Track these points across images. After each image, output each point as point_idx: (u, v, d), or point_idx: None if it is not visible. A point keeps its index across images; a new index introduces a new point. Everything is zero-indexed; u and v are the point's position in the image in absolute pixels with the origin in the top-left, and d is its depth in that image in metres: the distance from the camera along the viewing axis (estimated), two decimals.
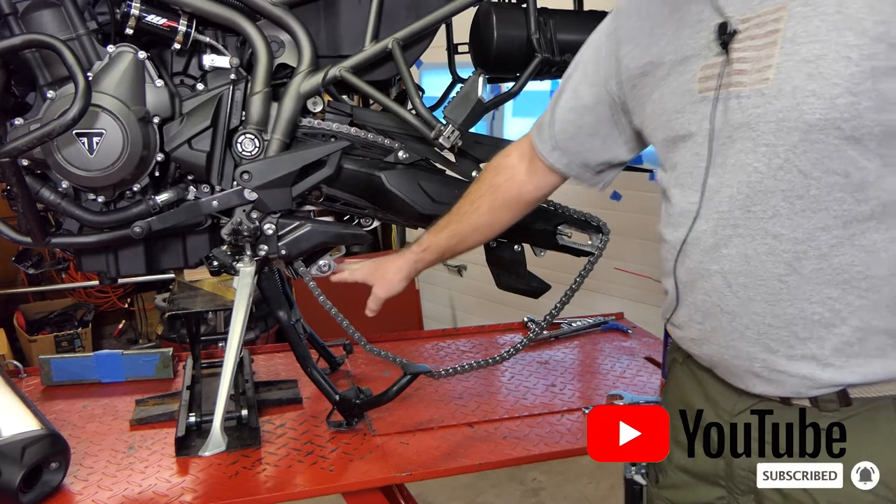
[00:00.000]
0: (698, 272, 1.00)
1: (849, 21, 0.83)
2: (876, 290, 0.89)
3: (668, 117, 1.04)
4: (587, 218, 1.61)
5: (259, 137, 1.44)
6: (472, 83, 1.43)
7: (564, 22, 1.58)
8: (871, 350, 0.91)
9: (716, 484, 1.09)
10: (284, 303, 1.61)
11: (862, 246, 0.89)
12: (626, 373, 1.88)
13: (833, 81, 0.84)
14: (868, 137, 0.85)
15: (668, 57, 1.02)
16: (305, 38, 1.44)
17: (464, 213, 1.33)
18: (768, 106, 0.90)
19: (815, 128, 0.86)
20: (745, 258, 0.94)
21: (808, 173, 0.88)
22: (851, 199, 0.88)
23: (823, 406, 0.95)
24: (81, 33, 1.36)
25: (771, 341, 0.95)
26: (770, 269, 0.93)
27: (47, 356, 1.88)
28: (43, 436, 1.33)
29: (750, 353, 0.97)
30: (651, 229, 3.27)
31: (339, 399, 1.56)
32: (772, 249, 0.92)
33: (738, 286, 0.96)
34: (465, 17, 1.59)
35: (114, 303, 4.53)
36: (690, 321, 1.06)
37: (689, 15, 1.00)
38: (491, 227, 1.34)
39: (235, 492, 1.34)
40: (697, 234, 1.00)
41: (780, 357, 0.95)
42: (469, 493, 3.05)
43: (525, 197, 1.30)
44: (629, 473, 1.32)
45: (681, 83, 1.01)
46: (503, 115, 3.87)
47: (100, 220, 1.41)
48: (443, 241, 1.37)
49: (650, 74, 1.06)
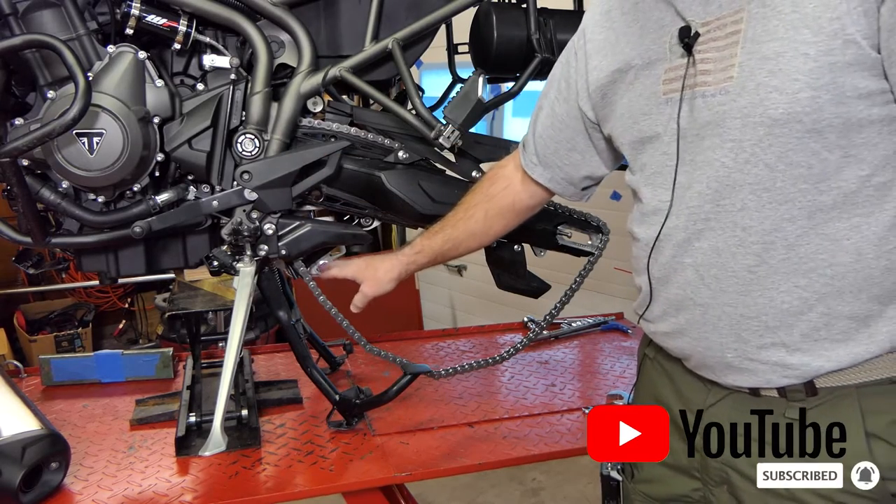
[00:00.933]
0: (671, 266, 1.03)
1: (805, 19, 0.86)
2: (840, 277, 0.92)
3: (634, 120, 1.07)
4: (587, 218, 1.61)
5: (259, 137, 1.44)
6: (472, 83, 1.43)
7: (564, 22, 1.58)
8: (836, 334, 0.94)
9: (691, 476, 1.11)
10: (284, 303, 1.61)
11: (826, 235, 0.92)
12: (626, 373, 1.88)
13: (793, 77, 0.87)
14: (829, 129, 0.88)
15: (633, 62, 1.06)
16: (305, 38, 1.44)
17: (459, 220, 1.36)
18: (733, 103, 0.93)
19: (779, 122, 0.89)
20: (717, 251, 0.97)
21: (773, 166, 0.91)
22: (815, 189, 0.90)
23: (791, 396, 0.98)
24: (81, 33, 1.36)
25: (742, 331, 0.98)
26: (740, 261, 0.95)
27: (47, 356, 1.88)
28: (43, 436, 1.33)
29: (723, 344, 1.00)
30: None
31: (339, 399, 1.56)
32: (741, 241, 0.95)
33: (710, 278, 0.99)
34: (465, 17, 1.59)
35: (114, 303, 4.53)
36: (664, 315, 1.09)
37: (651, 21, 1.04)
38: (485, 234, 1.36)
39: (235, 492, 1.34)
40: (669, 230, 1.03)
41: (751, 346, 0.98)
42: (469, 493, 3.05)
43: (518, 206, 1.33)
44: (605, 470, 1.34)
45: (646, 86, 1.05)
46: (503, 115, 3.87)
47: (100, 220, 1.41)
48: (436, 245, 1.39)
49: (618, 81, 1.09)
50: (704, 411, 1.07)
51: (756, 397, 1.01)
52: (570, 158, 1.23)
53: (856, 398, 0.95)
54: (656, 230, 1.04)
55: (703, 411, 1.07)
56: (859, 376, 0.95)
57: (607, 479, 1.33)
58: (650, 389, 1.19)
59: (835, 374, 0.95)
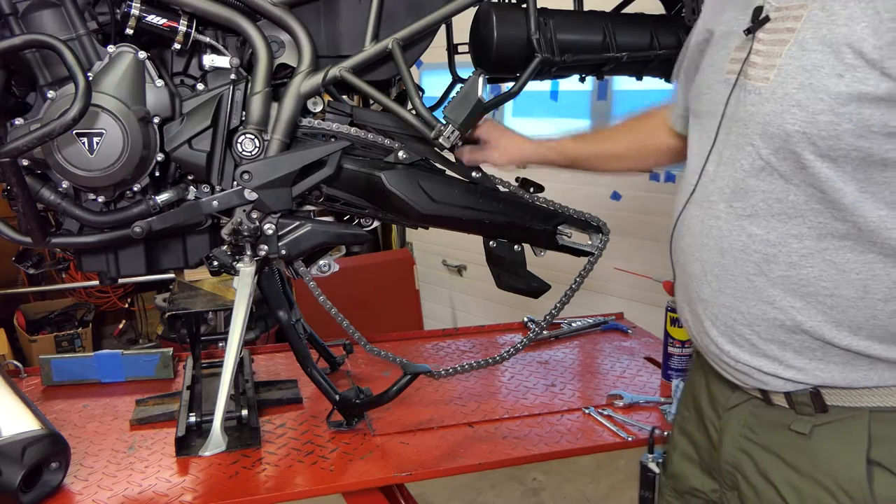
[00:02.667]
0: (687, 255, 1.03)
1: (852, 37, 0.81)
2: (840, 311, 0.88)
3: (700, 90, 1.05)
4: (587, 218, 1.61)
5: (259, 137, 1.44)
6: (472, 83, 1.43)
7: (564, 22, 1.58)
8: (832, 357, 0.91)
9: (712, 476, 1.11)
10: (284, 303, 1.61)
11: (833, 262, 0.88)
12: (626, 373, 1.88)
13: (819, 96, 0.83)
14: (844, 160, 0.83)
15: (720, 27, 1.02)
16: (305, 38, 1.44)
17: (606, 139, 1.41)
18: (760, 107, 0.90)
19: (793, 139, 0.86)
20: (721, 251, 0.96)
21: (788, 178, 0.88)
22: (828, 213, 0.87)
23: (800, 409, 0.95)
24: (81, 33, 1.36)
25: (736, 336, 0.97)
26: (741, 266, 0.94)
27: (47, 356, 1.87)
28: (43, 436, 1.33)
29: (719, 343, 1.00)
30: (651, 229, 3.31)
31: (339, 399, 1.56)
32: (745, 247, 0.93)
33: (712, 277, 0.98)
34: (465, 17, 1.59)
35: (114, 303, 4.53)
36: (682, 302, 1.09)
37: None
38: (637, 163, 1.43)
39: (235, 492, 1.34)
40: (690, 217, 1.02)
41: (744, 352, 0.97)
42: (469, 493, 3.05)
43: (666, 151, 1.35)
44: (645, 460, 1.35)
45: (718, 59, 1.02)
46: (503, 115, 3.87)
47: (100, 220, 1.41)
48: (582, 153, 1.43)
49: (707, 42, 1.06)
50: (726, 413, 1.05)
51: (770, 406, 0.99)
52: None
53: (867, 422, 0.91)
54: (679, 210, 1.04)
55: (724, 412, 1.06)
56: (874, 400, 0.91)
57: (645, 469, 1.34)
58: (690, 385, 1.20)
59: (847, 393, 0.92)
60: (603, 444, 1.55)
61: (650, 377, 1.85)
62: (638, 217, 3.32)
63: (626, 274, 2.25)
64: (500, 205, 1.54)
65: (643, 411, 1.65)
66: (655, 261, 3.18)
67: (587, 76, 1.73)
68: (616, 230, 1.66)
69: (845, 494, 0.91)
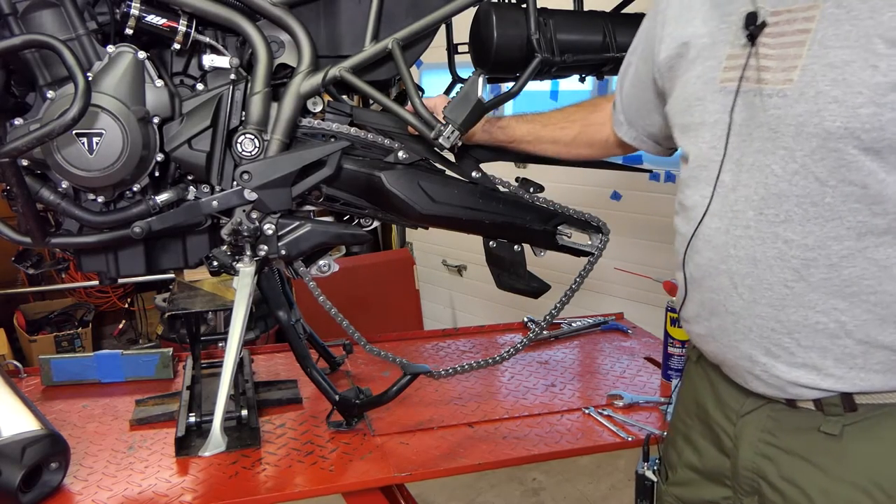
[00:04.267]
0: (707, 269, 1.00)
1: (880, 28, 0.80)
2: (885, 306, 0.88)
3: (688, 104, 1.03)
4: (587, 218, 1.61)
5: (259, 137, 1.44)
6: (472, 83, 1.43)
7: (564, 22, 1.58)
8: (873, 364, 0.90)
9: (722, 484, 1.08)
10: (284, 303, 1.61)
11: (875, 260, 0.87)
12: (626, 373, 1.88)
13: (857, 90, 0.82)
14: (888, 150, 0.83)
15: (699, 39, 1.01)
16: (305, 38, 1.44)
17: (551, 124, 1.41)
18: (789, 108, 0.88)
19: (834, 136, 0.84)
20: (754, 261, 0.93)
21: (824, 181, 0.87)
22: (868, 210, 0.86)
23: (828, 410, 0.94)
24: (81, 33, 1.36)
25: (773, 346, 0.94)
26: (777, 274, 0.92)
27: (47, 356, 1.87)
28: (43, 436, 1.33)
29: (751, 356, 0.97)
30: (651, 229, 3.31)
31: (339, 399, 1.56)
32: (781, 254, 0.91)
33: (743, 288, 0.95)
34: (465, 17, 1.59)
35: (114, 303, 4.53)
36: (698, 317, 1.05)
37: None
38: (567, 151, 1.43)
39: (235, 492, 1.34)
40: (709, 230, 0.99)
41: (780, 363, 0.94)
42: (469, 493, 3.05)
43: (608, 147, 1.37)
44: (641, 469, 1.33)
45: (706, 69, 1.00)
46: (503, 115, 3.87)
47: (100, 220, 1.41)
48: (520, 132, 1.45)
49: (683, 56, 1.04)
50: (740, 419, 1.03)
51: (793, 409, 0.97)
52: (652, 119, 1.21)
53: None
54: (693, 226, 1.01)
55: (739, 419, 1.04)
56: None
57: (642, 479, 1.32)
58: (692, 392, 1.16)
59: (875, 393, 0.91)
60: (603, 444, 1.55)
61: (650, 377, 1.85)
62: (638, 217, 3.32)
63: (626, 274, 2.25)
64: (499, 205, 1.54)
65: (643, 411, 1.65)
66: (655, 261, 3.18)
67: (587, 76, 1.74)
68: (616, 230, 1.66)
69: (883, 493, 0.90)
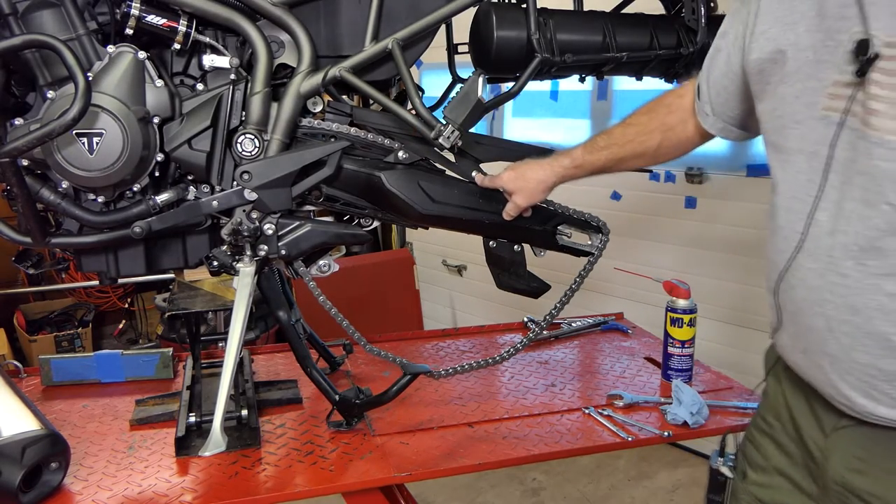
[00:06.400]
0: (801, 306, 0.96)
1: None
2: None
3: (784, 123, 0.96)
4: (587, 218, 1.61)
5: (259, 137, 1.44)
6: (472, 83, 1.43)
7: (564, 22, 1.58)
8: None
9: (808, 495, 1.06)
10: (284, 303, 1.61)
11: None
12: (626, 373, 1.88)
13: None
14: None
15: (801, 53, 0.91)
16: (305, 38, 1.44)
17: (629, 142, 1.35)
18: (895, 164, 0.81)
19: None
20: (853, 310, 0.89)
21: None
22: None
23: None
24: (81, 33, 1.36)
25: (873, 390, 0.91)
26: (878, 326, 0.88)
27: (47, 356, 1.87)
28: (43, 436, 1.33)
29: (850, 397, 0.94)
30: (651, 229, 3.31)
31: (339, 399, 1.56)
32: (882, 306, 0.87)
33: (841, 334, 0.91)
34: (465, 17, 1.59)
35: (114, 303, 4.53)
36: (794, 348, 1.02)
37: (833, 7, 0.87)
38: (654, 159, 1.38)
39: (235, 492, 1.34)
40: (803, 270, 0.95)
41: (882, 406, 0.92)
42: (469, 493, 3.05)
43: (694, 141, 1.31)
44: (715, 464, 1.29)
45: (807, 89, 0.91)
46: (503, 115, 3.88)
47: (100, 220, 1.41)
48: (600, 162, 1.40)
49: (777, 63, 0.95)
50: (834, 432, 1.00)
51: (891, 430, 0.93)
52: (740, 108, 1.15)
53: None
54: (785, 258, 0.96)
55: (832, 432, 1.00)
56: None
57: (716, 473, 1.29)
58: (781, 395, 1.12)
59: None
60: (603, 444, 1.55)
61: (650, 377, 1.85)
62: (638, 217, 3.32)
63: (626, 274, 2.25)
64: (500, 205, 1.54)
65: (643, 411, 1.65)
66: (655, 261, 3.18)
67: (587, 76, 1.74)
68: (616, 230, 1.66)
69: None
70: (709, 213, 3.11)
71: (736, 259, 3.00)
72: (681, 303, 1.77)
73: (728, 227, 3.04)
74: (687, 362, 1.79)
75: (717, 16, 1.69)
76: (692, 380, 1.80)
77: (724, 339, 3.02)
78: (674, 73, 1.69)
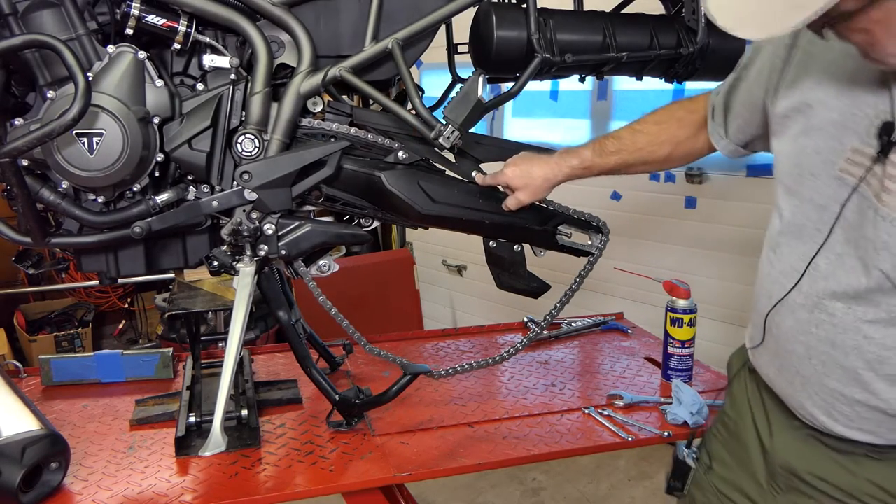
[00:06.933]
0: (786, 334, 1.07)
1: None
2: None
3: (800, 171, 1.03)
4: (587, 218, 1.61)
5: (259, 137, 1.44)
6: (472, 83, 1.43)
7: (564, 22, 1.58)
8: None
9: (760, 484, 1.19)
10: (284, 303, 1.61)
11: None
12: (626, 373, 1.88)
13: None
14: None
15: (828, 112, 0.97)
16: (305, 38, 1.44)
17: (639, 150, 1.40)
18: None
19: None
20: (832, 344, 1.00)
21: None
22: None
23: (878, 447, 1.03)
24: (81, 33, 1.36)
25: (834, 412, 1.03)
26: (852, 361, 0.99)
27: (47, 356, 1.87)
28: (43, 436, 1.33)
29: (813, 414, 1.06)
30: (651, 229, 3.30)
31: (339, 399, 1.56)
32: (859, 346, 0.98)
33: (818, 362, 1.03)
34: (465, 17, 1.59)
35: (114, 303, 4.53)
36: (770, 364, 1.14)
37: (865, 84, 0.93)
38: (660, 166, 1.45)
39: (235, 492, 1.34)
40: (795, 304, 1.04)
41: (839, 425, 1.04)
42: (469, 493, 3.05)
43: (701, 153, 1.38)
44: (681, 454, 1.39)
45: (828, 147, 0.97)
46: (503, 115, 3.88)
47: (100, 220, 1.41)
48: (608, 165, 1.44)
49: (803, 114, 1.02)
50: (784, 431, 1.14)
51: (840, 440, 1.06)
52: (754, 134, 1.23)
53: None
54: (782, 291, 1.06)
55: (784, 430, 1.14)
56: None
57: (681, 463, 1.38)
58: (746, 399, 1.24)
59: None
60: (603, 444, 1.55)
61: (650, 377, 1.85)
62: (638, 217, 3.32)
63: (626, 274, 2.25)
64: (499, 205, 1.54)
65: (643, 411, 1.65)
66: (655, 261, 3.18)
67: (587, 76, 1.74)
68: (616, 230, 1.66)
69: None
70: (709, 213, 3.11)
71: (736, 259, 3.00)
72: (681, 303, 1.78)
73: (728, 227, 3.04)
74: (687, 362, 1.79)
75: None
76: (692, 380, 1.80)
77: (724, 339, 3.02)
78: (674, 73, 1.69)
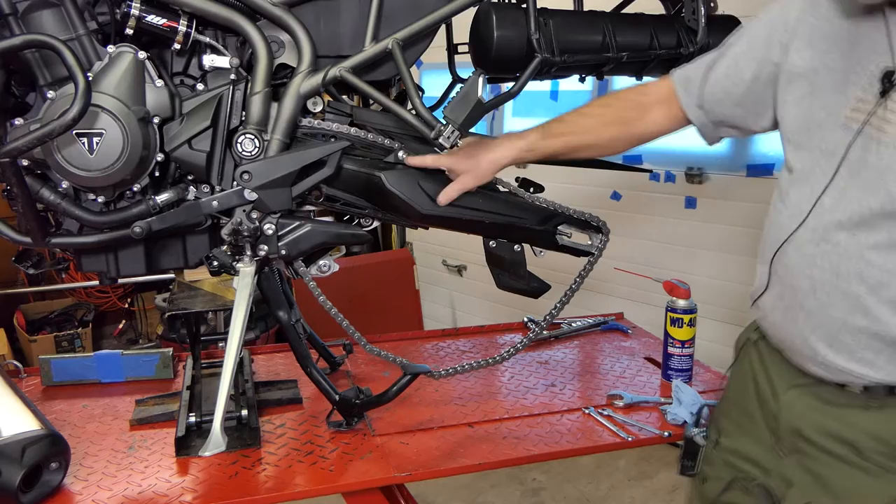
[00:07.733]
0: (792, 270, 1.12)
1: None
2: None
3: (808, 126, 1.11)
4: (587, 218, 1.61)
5: (259, 137, 1.44)
6: (472, 83, 1.43)
7: (564, 22, 1.58)
8: None
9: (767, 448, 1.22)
10: (284, 303, 1.61)
11: None
12: (626, 373, 1.88)
13: None
14: None
15: (833, 74, 1.08)
16: (305, 38, 1.44)
17: (584, 131, 1.43)
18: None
19: None
20: (836, 273, 1.06)
21: None
22: None
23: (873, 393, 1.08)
24: (81, 33, 1.36)
25: (837, 342, 1.08)
26: (854, 287, 1.04)
27: (47, 356, 1.87)
28: (43, 436, 1.33)
29: (816, 349, 1.11)
30: (651, 229, 3.31)
31: (339, 399, 1.56)
32: (861, 272, 1.03)
33: (822, 293, 1.08)
34: (465, 17, 1.59)
35: (114, 303, 4.53)
36: (774, 308, 1.18)
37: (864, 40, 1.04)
38: (605, 149, 1.47)
39: (235, 492, 1.34)
40: (801, 240, 1.10)
41: (841, 356, 1.08)
42: (469, 493, 3.05)
43: (647, 136, 1.40)
44: (690, 433, 1.44)
45: (832, 102, 1.07)
46: (503, 115, 3.88)
47: (100, 220, 1.41)
48: (554, 148, 1.44)
49: (808, 80, 1.11)
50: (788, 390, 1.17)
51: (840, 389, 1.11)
52: (732, 111, 1.27)
53: None
54: (787, 232, 1.12)
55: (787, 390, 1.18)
56: None
57: (690, 441, 1.42)
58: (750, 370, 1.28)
59: None
60: (603, 444, 1.55)
61: (650, 377, 1.85)
62: (638, 217, 3.32)
63: (626, 274, 2.25)
64: (499, 205, 1.54)
65: (643, 411, 1.65)
66: (655, 261, 3.18)
67: (587, 76, 1.74)
68: (616, 230, 1.66)
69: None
70: (709, 213, 3.11)
71: (736, 259, 3.00)
72: (681, 303, 1.78)
73: (728, 227, 3.04)
74: (687, 362, 1.79)
75: (717, 16, 1.69)
76: (692, 380, 1.80)
77: (724, 339, 3.01)
78: None
